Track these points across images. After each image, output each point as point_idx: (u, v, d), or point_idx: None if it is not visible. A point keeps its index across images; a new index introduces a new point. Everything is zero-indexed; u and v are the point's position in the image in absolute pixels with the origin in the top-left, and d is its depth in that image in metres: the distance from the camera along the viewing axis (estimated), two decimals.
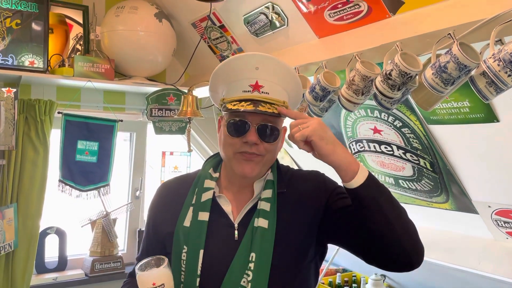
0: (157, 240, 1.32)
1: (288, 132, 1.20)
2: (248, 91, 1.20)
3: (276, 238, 1.20)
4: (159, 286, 1.11)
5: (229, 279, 1.17)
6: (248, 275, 1.16)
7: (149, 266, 1.14)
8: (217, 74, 1.29)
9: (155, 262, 1.14)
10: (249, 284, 1.15)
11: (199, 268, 1.19)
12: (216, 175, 1.32)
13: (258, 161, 1.22)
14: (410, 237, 1.12)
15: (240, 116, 1.20)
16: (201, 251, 1.20)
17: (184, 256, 1.21)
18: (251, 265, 1.17)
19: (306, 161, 2.71)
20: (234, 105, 1.20)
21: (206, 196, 1.27)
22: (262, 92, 1.20)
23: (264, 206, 1.23)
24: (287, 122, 1.23)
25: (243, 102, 1.19)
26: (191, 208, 1.27)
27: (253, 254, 1.18)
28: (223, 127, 1.26)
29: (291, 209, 1.26)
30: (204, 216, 1.24)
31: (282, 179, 1.30)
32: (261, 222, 1.21)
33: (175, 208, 1.29)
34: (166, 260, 1.15)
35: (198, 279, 1.18)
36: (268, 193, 1.25)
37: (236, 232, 1.22)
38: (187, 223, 1.25)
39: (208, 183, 1.29)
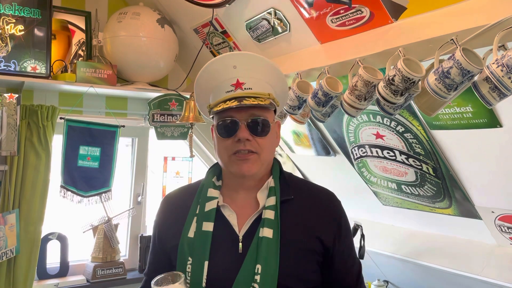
0: (164, 254, 1.29)
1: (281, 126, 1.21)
2: (231, 91, 1.20)
3: (281, 248, 1.17)
4: None
5: None
6: None
7: (166, 281, 1.11)
8: (198, 83, 1.30)
9: (172, 278, 1.12)
10: None
11: (204, 280, 1.16)
12: (219, 183, 1.30)
13: (254, 159, 1.21)
14: None
15: (228, 115, 1.20)
16: (206, 263, 1.17)
17: (189, 268, 1.18)
18: (257, 277, 1.14)
19: (308, 167, 2.71)
20: (219, 106, 1.20)
21: (210, 205, 1.24)
22: (245, 88, 1.20)
23: (269, 214, 1.21)
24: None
25: (228, 101, 1.19)
26: (195, 218, 1.24)
27: (258, 266, 1.15)
28: (214, 131, 1.26)
29: (297, 219, 1.24)
30: (208, 226, 1.21)
31: (286, 185, 1.28)
32: (266, 232, 1.18)
33: (179, 220, 1.27)
34: (183, 276, 1.13)
35: None
36: (272, 201, 1.23)
37: (240, 244, 1.19)
38: (191, 234, 1.22)
39: (212, 192, 1.27)
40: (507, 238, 1.93)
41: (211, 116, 1.29)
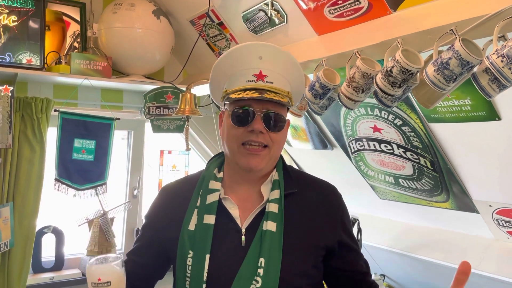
0: (157, 244, 1.28)
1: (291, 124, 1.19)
2: (252, 81, 1.18)
3: (284, 242, 1.16)
4: (104, 283, 1.08)
5: (237, 286, 1.13)
6: (257, 282, 1.12)
7: (105, 261, 1.12)
8: (218, 66, 1.27)
9: (113, 259, 1.13)
10: None
11: (205, 274, 1.14)
12: (221, 175, 1.28)
13: (264, 154, 1.19)
14: None
15: (245, 105, 1.18)
16: (207, 256, 1.15)
17: (189, 261, 1.17)
18: (260, 271, 1.13)
19: (306, 161, 2.69)
20: (238, 94, 1.17)
21: (212, 198, 1.22)
22: (267, 81, 1.18)
23: (273, 208, 1.19)
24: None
25: (248, 91, 1.17)
26: (195, 211, 1.22)
27: (262, 260, 1.14)
28: (226, 119, 1.23)
29: (300, 213, 1.23)
30: (210, 219, 1.19)
31: (290, 179, 1.26)
32: (270, 226, 1.17)
33: (178, 212, 1.25)
34: (120, 259, 1.13)
35: (204, 285, 1.14)
36: (276, 194, 1.22)
37: (243, 237, 1.18)
38: (192, 226, 1.20)
39: (213, 184, 1.25)
40: (505, 232, 1.92)
41: (223, 103, 1.26)
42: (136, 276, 1.28)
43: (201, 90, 2.43)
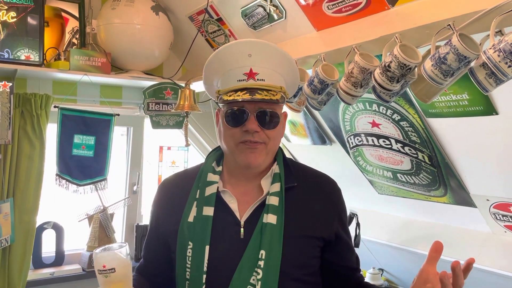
0: (161, 239, 1.30)
1: (288, 117, 1.20)
2: (243, 80, 1.17)
3: (284, 234, 1.18)
4: (109, 269, 1.11)
5: (238, 277, 1.14)
6: (258, 273, 1.14)
7: (110, 249, 1.16)
8: (209, 66, 1.27)
9: (118, 247, 1.16)
10: (259, 282, 1.13)
11: (205, 265, 1.16)
12: (219, 168, 1.29)
13: (261, 149, 1.20)
14: None
15: (238, 105, 1.18)
16: (207, 247, 1.17)
17: (189, 252, 1.18)
18: (261, 263, 1.14)
19: (304, 156, 2.70)
20: (230, 95, 1.18)
21: (210, 190, 1.24)
22: (258, 79, 1.17)
23: (273, 201, 1.20)
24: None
25: (239, 92, 1.17)
26: (195, 203, 1.24)
27: (262, 252, 1.15)
28: (221, 119, 1.24)
29: (300, 205, 1.24)
30: (208, 211, 1.21)
31: (290, 172, 1.28)
32: (270, 218, 1.18)
33: (177, 205, 1.27)
34: (125, 247, 1.15)
35: (204, 276, 1.15)
36: (276, 187, 1.23)
37: (242, 230, 1.19)
38: (191, 218, 1.22)
39: (211, 176, 1.26)
40: (502, 226, 1.94)
41: (220, 104, 1.27)
42: (151, 275, 1.33)
43: (200, 86, 2.43)
